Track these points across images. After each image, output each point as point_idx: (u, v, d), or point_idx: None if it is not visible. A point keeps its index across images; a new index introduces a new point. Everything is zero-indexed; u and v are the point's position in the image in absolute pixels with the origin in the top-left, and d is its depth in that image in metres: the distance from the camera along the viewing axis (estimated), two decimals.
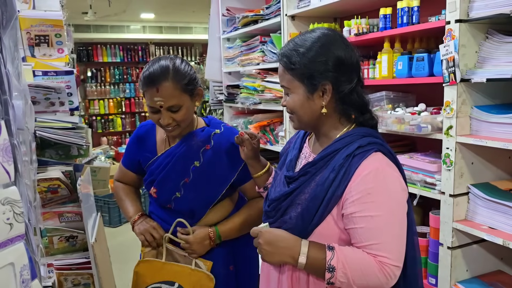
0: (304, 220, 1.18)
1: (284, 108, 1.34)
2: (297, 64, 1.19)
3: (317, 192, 1.17)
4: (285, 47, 1.25)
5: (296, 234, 1.19)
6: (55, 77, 1.92)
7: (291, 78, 1.21)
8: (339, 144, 1.20)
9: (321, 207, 1.16)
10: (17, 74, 1.08)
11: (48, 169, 1.84)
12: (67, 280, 1.89)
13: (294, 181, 1.24)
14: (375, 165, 1.14)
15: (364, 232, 1.11)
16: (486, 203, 1.75)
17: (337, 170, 1.15)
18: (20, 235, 0.58)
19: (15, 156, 0.74)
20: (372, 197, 1.11)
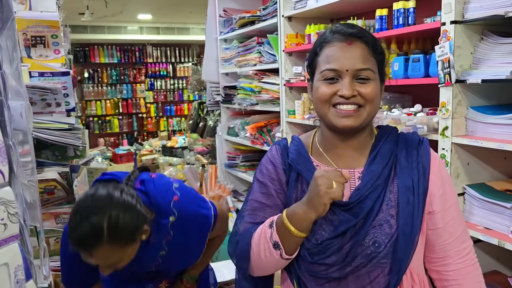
0: (408, 238, 1.00)
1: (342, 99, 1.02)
2: (381, 47, 1.07)
3: (408, 201, 1.02)
4: (357, 27, 1.06)
5: (401, 260, 1.00)
6: (51, 78, 1.92)
7: (374, 62, 1.04)
8: (388, 146, 1.08)
9: (419, 215, 1.02)
10: (17, 75, 1.08)
11: (45, 170, 1.84)
12: None
13: (357, 204, 1.02)
14: (436, 155, 1.11)
15: (455, 223, 1.07)
16: (482, 203, 1.76)
17: (416, 167, 1.05)
18: (14, 235, 0.58)
19: (10, 157, 0.74)
20: (449, 183, 1.10)
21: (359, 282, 1.02)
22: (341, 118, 1.03)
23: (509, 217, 1.65)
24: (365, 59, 1.02)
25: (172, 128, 9.91)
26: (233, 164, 4.08)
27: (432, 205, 1.06)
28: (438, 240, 1.07)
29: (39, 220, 1.12)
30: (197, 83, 5.67)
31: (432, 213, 1.06)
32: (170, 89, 9.92)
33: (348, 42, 1.02)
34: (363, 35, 1.04)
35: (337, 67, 1.02)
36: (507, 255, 1.97)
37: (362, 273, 1.01)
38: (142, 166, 1.49)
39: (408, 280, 1.04)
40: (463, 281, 1.08)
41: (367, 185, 1.03)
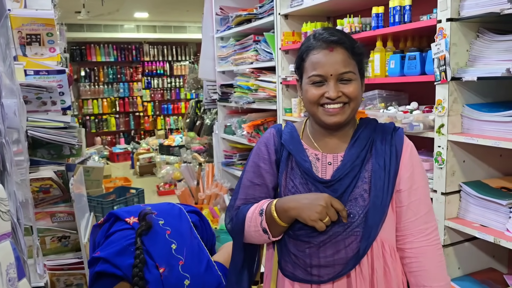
0: (378, 209, 1.15)
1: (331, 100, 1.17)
2: (359, 48, 1.20)
3: (380, 177, 1.17)
4: (335, 33, 1.18)
5: (371, 228, 1.14)
6: (46, 76, 1.91)
7: (355, 64, 1.18)
8: (366, 133, 1.23)
9: (388, 190, 1.17)
10: (10, 73, 1.07)
11: (40, 168, 1.83)
12: (60, 280, 1.88)
13: (337, 181, 1.17)
14: (410, 142, 1.24)
15: (419, 203, 1.19)
16: (477, 201, 1.76)
17: (389, 150, 1.20)
18: (6, 233, 0.58)
19: (3, 155, 0.73)
20: (419, 167, 1.22)
21: (335, 247, 1.15)
22: (329, 116, 1.18)
23: (504, 214, 1.66)
24: (346, 63, 1.16)
25: (169, 127, 9.90)
26: (230, 162, 4.08)
27: (400, 184, 1.19)
28: (403, 217, 1.19)
29: (32, 219, 1.12)
30: (194, 81, 5.66)
31: (399, 192, 1.19)
32: (167, 88, 9.91)
33: (330, 49, 1.16)
34: (343, 41, 1.17)
35: (322, 73, 1.16)
36: (503, 253, 1.98)
37: (338, 240, 1.15)
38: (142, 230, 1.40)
39: (379, 248, 1.17)
40: (423, 259, 1.18)
41: (346, 165, 1.19)
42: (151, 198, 5.71)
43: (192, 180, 4.47)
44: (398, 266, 1.20)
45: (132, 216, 1.45)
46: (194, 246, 1.43)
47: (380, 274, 1.16)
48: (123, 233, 1.42)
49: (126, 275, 1.31)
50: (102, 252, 1.36)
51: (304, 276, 1.18)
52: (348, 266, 1.15)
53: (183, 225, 1.48)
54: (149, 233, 1.39)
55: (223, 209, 3.81)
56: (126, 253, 1.34)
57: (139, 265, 1.30)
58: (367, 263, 1.16)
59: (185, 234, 1.45)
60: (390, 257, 1.18)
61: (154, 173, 6.68)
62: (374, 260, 1.16)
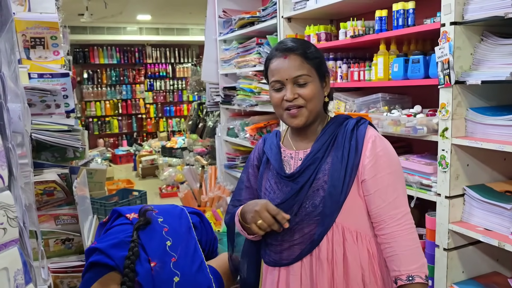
0: (333, 199, 1.25)
1: (282, 105, 1.31)
2: (314, 53, 1.31)
3: (337, 169, 1.26)
4: (289, 42, 1.32)
5: (327, 216, 1.25)
6: (50, 80, 1.92)
7: (310, 68, 1.29)
8: (331, 128, 1.34)
9: (345, 180, 1.25)
10: (15, 78, 1.08)
11: (44, 171, 1.83)
12: (63, 283, 1.88)
13: (300, 174, 1.29)
14: (375, 133, 1.32)
15: (387, 190, 1.25)
16: (481, 204, 1.76)
17: (348, 143, 1.28)
18: (14, 240, 0.58)
19: (9, 160, 0.74)
20: (384, 157, 1.27)
21: (301, 233, 1.29)
22: (291, 118, 1.31)
23: (509, 218, 1.65)
24: (299, 67, 1.28)
25: (171, 129, 9.91)
26: (232, 165, 4.08)
27: (364, 174, 1.26)
28: (372, 205, 1.27)
29: (36, 223, 1.12)
30: (197, 83, 5.67)
31: (364, 181, 1.27)
32: (170, 90, 9.92)
33: (284, 57, 1.30)
34: (296, 48, 1.29)
35: (279, 78, 1.30)
36: (507, 256, 1.97)
37: (303, 226, 1.28)
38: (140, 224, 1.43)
39: (339, 234, 1.26)
40: (394, 244, 1.24)
41: (307, 158, 1.31)
42: (153, 200, 5.71)
43: (194, 183, 4.48)
44: (364, 251, 1.27)
45: (133, 212, 1.48)
46: (190, 246, 1.44)
47: (339, 258, 1.26)
48: (122, 227, 1.45)
49: (118, 266, 1.33)
50: (99, 243, 1.39)
51: (275, 259, 1.33)
52: (305, 250, 1.28)
53: (182, 225, 1.49)
54: (146, 228, 1.41)
55: (226, 211, 3.80)
56: (122, 245, 1.37)
57: (132, 257, 1.32)
58: (327, 248, 1.26)
59: (182, 233, 1.46)
60: (352, 242, 1.26)
61: (157, 175, 6.69)
62: (334, 245, 1.26)
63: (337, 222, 1.26)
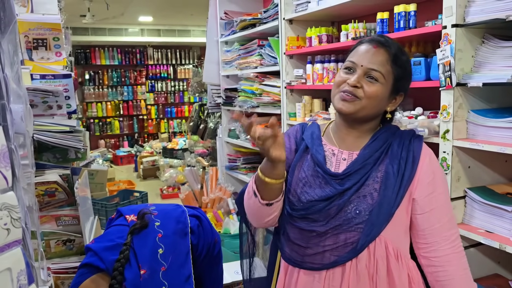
0: (384, 209, 1.16)
1: (344, 89, 1.20)
2: (403, 63, 1.23)
3: (392, 178, 1.17)
4: (388, 39, 1.23)
5: (374, 225, 1.16)
6: (53, 81, 1.93)
7: (390, 71, 1.20)
8: (384, 136, 1.25)
9: (399, 192, 1.17)
10: (17, 79, 1.08)
11: (46, 172, 1.83)
12: (64, 284, 1.88)
13: (347, 176, 1.20)
14: (429, 149, 1.25)
15: (442, 210, 1.19)
16: (483, 206, 1.76)
17: (405, 154, 1.20)
18: (17, 240, 0.58)
19: (12, 161, 0.74)
20: (440, 175, 1.22)
21: (336, 239, 1.18)
22: (340, 101, 1.22)
23: (510, 220, 1.65)
24: (381, 63, 1.19)
25: (172, 130, 9.93)
26: (233, 166, 4.09)
27: (419, 190, 1.19)
28: (426, 224, 1.19)
29: (36, 224, 1.13)
30: (198, 85, 5.68)
31: (418, 198, 1.19)
32: (171, 91, 9.94)
33: (374, 46, 1.21)
34: (389, 45, 1.21)
35: (355, 60, 1.21)
36: (508, 259, 1.97)
37: (340, 232, 1.18)
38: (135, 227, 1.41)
39: (382, 249, 1.17)
40: (449, 267, 1.17)
41: (357, 162, 1.21)
42: (154, 201, 5.71)
43: (195, 184, 4.48)
44: (404, 272, 1.19)
45: (132, 214, 1.48)
46: (181, 255, 1.43)
47: (382, 275, 1.17)
48: (118, 228, 1.45)
49: (108, 269, 1.33)
50: (95, 243, 1.39)
51: (297, 260, 1.24)
52: (342, 259, 1.18)
53: (178, 230, 1.48)
54: (141, 232, 1.41)
55: (226, 212, 3.81)
56: (115, 248, 1.37)
57: (122, 261, 1.33)
58: (367, 260, 1.17)
59: (176, 240, 1.45)
60: (394, 260, 1.18)
61: (158, 176, 6.69)
62: (378, 259, 1.17)
63: (381, 235, 1.17)
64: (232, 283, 2.42)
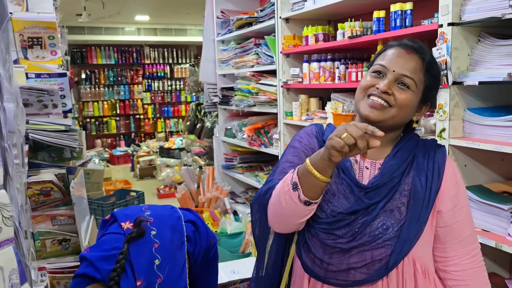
0: (414, 224, 1.10)
1: (374, 96, 1.12)
2: (435, 71, 1.17)
3: (420, 192, 1.12)
4: (421, 44, 1.17)
5: (406, 242, 1.09)
6: (48, 79, 1.92)
7: (422, 80, 1.14)
8: (409, 146, 1.18)
9: (429, 206, 1.12)
10: (8, 77, 1.08)
11: (41, 171, 1.83)
12: (60, 283, 1.87)
13: (374, 190, 1.13)
14: (452, 160, 1.21)
15: (465, 224, 1.15)
16: (479, 205, 1.76)
17: (431, 166, 1.15)
18: (9, 239, 0.58)
19: (5, 160, 0.73)
20: (461, 187, 1.18)
21: (362, 257, 1.11)
22: (368, 107, 1.13)
23: (506, 219, 1.65)
24: (414, 70, 1.12)
25: (169, 130, 9.90)
26: (230, 165, 4.08)
27: (443, 203, 1.14)
28: (448, 238, 1.15)
29: (29, 224, 1.12)
30: (195, 84, 5.67)
31: (443, 211, 1.14)
32: (168, 90, 9.92)
33: (408, 52, 1.14)
34: (423, 51, 1.15)
35: (386, 65, 1.13)
36: (505, 257, 1.97)
37: (366, 249, 1.10)
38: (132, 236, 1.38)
39: (410, 266, 1.11)
40: (471, 282, 1.14)
41: (385, 175, 1.14)
42: (151, 201, 5.70)
43: (192, 183, 4.47)
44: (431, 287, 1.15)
45: (128, 221, 1.45)
46: (178, 266, 1.41)
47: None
48: (114, 237, 1.42)
49: (104, 279, 1.31)
50: (91, 252, 1.37)
51: (320, 274, 1.15)
52: (371, 277, 1.10)
53: (175, 239, 1.44)
54: (137, 241, 1.38)
55: (223, 212, 3.81)
56: (111, 259, 1.35)
57: (118, 270, 1.31)
58: (396, 279, 1.11)
59: (172, 250, 1.42)
60: (421, 277, 1.12)
61: (154, 176, 6.68)
62: (406, 277, 1.11)
63: (410, 252, 1.10)
64: (228, 283, 2.41)
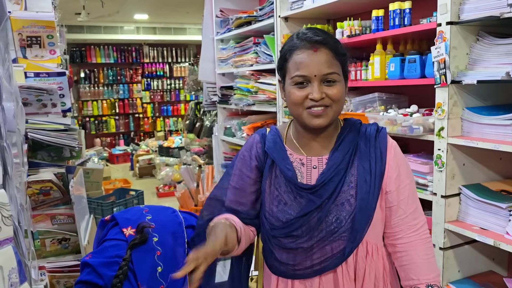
0: (364, 213, 1.15)
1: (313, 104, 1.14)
2: (342, 49, 1.18)
3: (365, 181, 1.16)
4: (319, 33, 1.15)
5: (358, 231, 1.15)
6: (47, 79, 1.92)
7: (338, 65, 1.16)
8: (351, 136, 1.22)
9: (374, 193, 1.17)
10: (8, 76, 1.08)
11: (40, 171, 1.83)
12: (60, 283, 1.87)
13: (322, 187, 1.16)
14: (393, 141, 1.25)
15: (408, 201, 1.20)
16: (477, 204, 1.76)
17: (373, 152, 1.19)
18: (8, 238, 0.58)
19: (4, 159, 0.74)
20: (404, 165, 1.22)
21: (323, 252, 1.17)
22: (314, 118, 1.15)
23: (504, 217, 1.66)
24: (330, 63, 1.14)
25: (168, 128, 9.91)
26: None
27: (388, 185, 1.19)
28: (393, 216, 1.20)
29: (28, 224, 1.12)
30: (194, 83, 5.67)
31: (388, 193, 1.19)
32: (167, 89, 9.92)
33: (314, 49, 1.13)
34: (327, 41, 1.15)
35: (306, 74, 1.13)
36: (503, 256, 1.98)
37: (325, 244, 1.17)
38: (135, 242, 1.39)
39: (363, 249, 1.19)
40: (412, 252, 1.19)
41: (330, 169, 1.18)
42: (150, 200, 5.71)
43: (192, 182, 4.47)
44: (379, 263, 1.22)
45: (129, 227, 1.43)
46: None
47: (361, 273, 1.20)
48: (116, 243, 1.41)
49: (106, 285, 1.31)
50: (93, 258, 1.37)
51: (288, 273, 1.22)
52: (330, 266, 1.18)
53: (177, 246, 1.43)
54: (140, 247, 1.38)
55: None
56: (113, 265, 1.35)
57: (120, 277, 1.31)
58: (353, 263, 1.19)
59: (175, 258, 1.42)
60: (371, 256, 1.20)
61: (154, 175, 6.68)
62: (358, 260, 1.19)
63: (364, 238, 1.17)
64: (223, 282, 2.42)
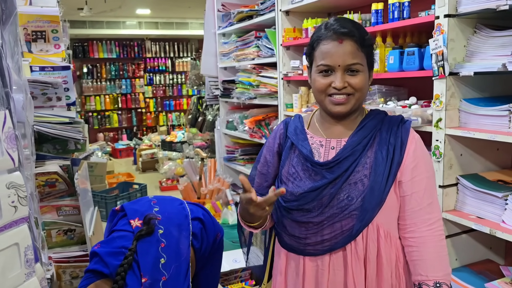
0: (375, 194, 1.19)
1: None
2: (369, 40, 1.23)
3: (381, 164, 1.20)
4: (346, 25, 1.20)
5: (367, 211, 1.19)
6: (52, 73, 1.95)
7: (363, 56, 1.21)
8: (373, 123, 1.27)
9: (389, 177, 1.20)
10: (17, 69, 1.11)
11: (46, 163, 1.87)
12: (66, 272, 1.92)
13: (336, 164, 1.22)
14: (417, 134, 1.28)
15: (423, 195, 1.21)
16: (474, 193, 1.79)
17: (394, 140, 1.23)
18: (24, 218, 0.62)
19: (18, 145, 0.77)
20: (424, 160, 1.24)
21: (333, 228, 1.22)
22: (335, 105, 1.22)
23: (500, 206, 1.69)
24: (354, 55, 1.19)
25: (171, 123, 9.94)
26: (232, 157, 4.12)
27: (403, 175, 1.22)
28: (406, 207, 1.22)
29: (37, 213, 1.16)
30: (196, 77, 5.69)
31: (402, 182, 1.22)
32: (169, 84, 9.94)
33: (340, 41, 1.19)
34: (353, 33, 1.19)
35: (330, 63, 1.19)
36: (499, 244, 2.01)
37: (336, 220, 1.22)
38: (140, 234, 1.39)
39: (374, 233, 1.22)
40: (423, 248, 1.20)
41: (346, 149, 1.24)
42: (153, 193, 5.75)
43: (194, 175, 4.52)
44: (392, 252, 1.24)
45: (137, 218, 1.47)
46: (183, 264, 1.44)
47: (372, 256, 1.22)
48: (123, 235, 1.45)
49: (111, 274, 1.35)
50: (101, 248, 1.41)
51: (299, 248, 1.28)
52: (339, 244, 1.22)
53: (182, 239, 1.47)
54: (146, 239, 1.42)
55: (225, 203, 3.85)
56: (119, 255, 1.38)
57: (125, 266, 1.34)
58: (362, 244, 1.22)
59: (178, 250, 1.44)
60: (384, 241, 1.22)
61: (157, 169, 6.72)
62: (369, 242, 1.21)
63: (374, 220, 1.21)
64: (230, 271, 2.47)
